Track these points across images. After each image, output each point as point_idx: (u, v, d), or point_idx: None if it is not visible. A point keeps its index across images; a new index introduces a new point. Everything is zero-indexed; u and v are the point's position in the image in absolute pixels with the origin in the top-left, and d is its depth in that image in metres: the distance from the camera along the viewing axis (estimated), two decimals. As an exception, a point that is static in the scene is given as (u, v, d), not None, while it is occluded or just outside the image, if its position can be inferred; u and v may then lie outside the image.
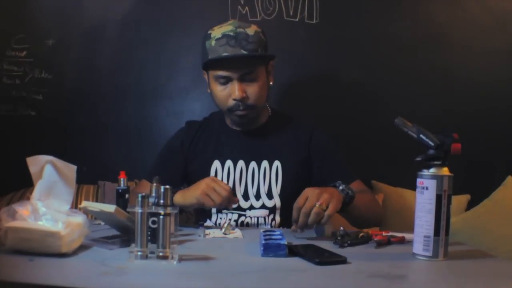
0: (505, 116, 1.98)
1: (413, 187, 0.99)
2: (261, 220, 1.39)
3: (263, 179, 1.40)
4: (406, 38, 2.00)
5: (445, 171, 0.94)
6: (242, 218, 1.39)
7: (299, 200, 1.11)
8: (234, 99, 1.33)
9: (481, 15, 1.99)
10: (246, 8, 2.02)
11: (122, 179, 1.21)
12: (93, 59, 2.09)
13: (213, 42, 1.32)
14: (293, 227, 1.11)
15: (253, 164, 1.41)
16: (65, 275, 0.81)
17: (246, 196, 1.40)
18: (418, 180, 0.96)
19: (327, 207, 1.09)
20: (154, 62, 2.08)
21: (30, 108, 2.10)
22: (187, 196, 1.23)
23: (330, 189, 1.15)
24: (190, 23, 2.04)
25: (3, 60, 2.09)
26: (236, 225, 1.38)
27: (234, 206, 1.32)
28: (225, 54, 1.29)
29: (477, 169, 1.89)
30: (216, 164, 1.42)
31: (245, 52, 1.30)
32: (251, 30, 1.33)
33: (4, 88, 2.10)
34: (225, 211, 1.40)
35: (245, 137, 1.44)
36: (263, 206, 1.39)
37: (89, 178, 1.89)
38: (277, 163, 1.40)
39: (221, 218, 1.40)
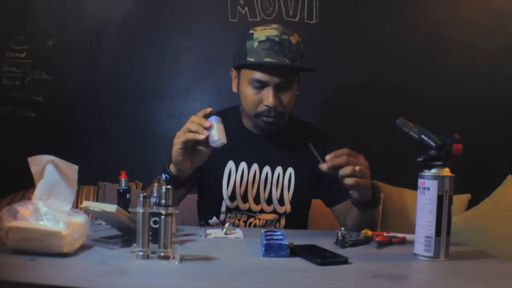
0: (505, 115, 1.99)
1: (413, 186, 0.99)
2: (268, 222, 1.39)
3: (275, 184, 1.39)
4: (406, 38, 2.01)
5: (446, 171, 0.94)
6: (251, 220, 1.39)
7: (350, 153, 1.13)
8: (267, 105, 1.30)
9: (481, 15, 1.99)
10: (246, 8, 2.02)
11: (123, 179, 1.21)
12: (93, 60, 2.09)
13: (255, 44, 1.27)
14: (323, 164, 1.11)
15: (267, 168, 1.39)
16: (66, 275, 0.80)
17: (257, 200, 1.38)
18: (420, 181, 0.96)
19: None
20: (154, 63, 2.08)
21: (30, 110, 2.11)
22: (172, 154, 1.14)
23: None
24: (190, 24, 2.05)
25: (3, 61, 2.10)
26: (245, 225, 1.38)
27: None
28: (267, 59, 1.26)
29: (477, 168, 1.90)
30: (231, 164, 1.39)
31: (287, 61, 1.26)
32: (294, 38, 1.29)
33: (4, 89, 2.10)
34: (235, 211, 1.38)
35: (262, 141, 1.41)
36: (274, 211, 1.39)
37: (90, 179, 1.89)
38: (290, 170, 1.39)
39: (229, 217, 1.39)
